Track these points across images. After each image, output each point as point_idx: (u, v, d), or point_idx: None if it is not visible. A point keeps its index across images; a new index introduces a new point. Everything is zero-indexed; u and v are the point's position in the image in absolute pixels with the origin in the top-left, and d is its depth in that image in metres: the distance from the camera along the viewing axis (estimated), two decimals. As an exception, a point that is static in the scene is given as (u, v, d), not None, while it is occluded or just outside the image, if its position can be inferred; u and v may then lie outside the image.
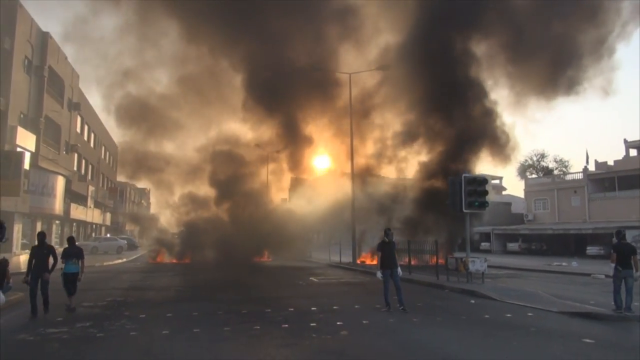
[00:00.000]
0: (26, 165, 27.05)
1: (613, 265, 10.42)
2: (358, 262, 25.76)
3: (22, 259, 26.14)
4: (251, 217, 31.41)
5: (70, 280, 10.56)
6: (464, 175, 16.20)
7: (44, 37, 31.72)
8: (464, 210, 15.91)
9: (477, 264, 16.11)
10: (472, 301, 12.56)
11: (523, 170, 66.51)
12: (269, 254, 32.64)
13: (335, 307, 11.15)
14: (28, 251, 30.02)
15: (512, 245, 47.09)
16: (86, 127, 44.81)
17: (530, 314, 10.49)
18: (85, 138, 44.91)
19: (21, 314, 10.05)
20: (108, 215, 57.41)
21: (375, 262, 17.38)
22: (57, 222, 38.52)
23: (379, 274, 10.90)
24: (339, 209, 31.65)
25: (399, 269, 11.00)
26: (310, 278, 19.18)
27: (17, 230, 29.07)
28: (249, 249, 30.94)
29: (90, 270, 22.51)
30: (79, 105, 39.97)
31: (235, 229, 30.35)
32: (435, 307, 11.55)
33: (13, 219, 27.83)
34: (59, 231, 39.75)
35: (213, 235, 30.11)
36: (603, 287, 16.38)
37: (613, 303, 10.44)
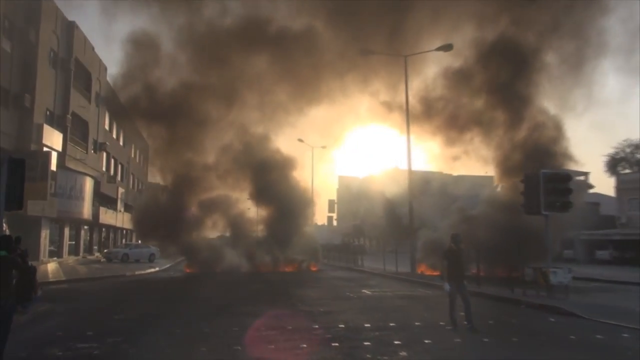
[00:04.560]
0: (53, 166, 27.62)
1: None
2: (418, 272, 25.53)
3: (49, 267, 27.32)
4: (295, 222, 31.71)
5: None
6: (542, 171, 15.79)
7: (70, 28, 32.60)
8: (543, 213, 15.48)
9: (559, 275, 15.58)
10: (554, 319, 12.17)
11: (614, 165, 63.77)
12: (316, 262, 32.85)
13: (391, 324, 11.08)
14: (56, 259, 31.62)
15: (602, 253, 45.25)
16: (115, 123, 45.80)
17: (625, 334, 10.04)
18: (114, 135, 46.29)
19: (50, 327, 10.58)
20: (139, 220, 59.18)
21: (438, 273, 17.11)
22: (86, 227, 40.00)
23: (446, 287, 10.67)
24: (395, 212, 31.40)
25: (465, 282, 10.78)
26: (363, 290, 19.16)
27: (44, 237, 30.37)
28: (294, 257, 31.30)
29: (121, 281, 23.46)
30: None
31: (280, 234, 30.75)
32: (509, 325, 11.28)
33: (40, 224, 29.07)
34: (88, 237, 41.34)
35: (255, 241, 30.57)
36: None
37: None
